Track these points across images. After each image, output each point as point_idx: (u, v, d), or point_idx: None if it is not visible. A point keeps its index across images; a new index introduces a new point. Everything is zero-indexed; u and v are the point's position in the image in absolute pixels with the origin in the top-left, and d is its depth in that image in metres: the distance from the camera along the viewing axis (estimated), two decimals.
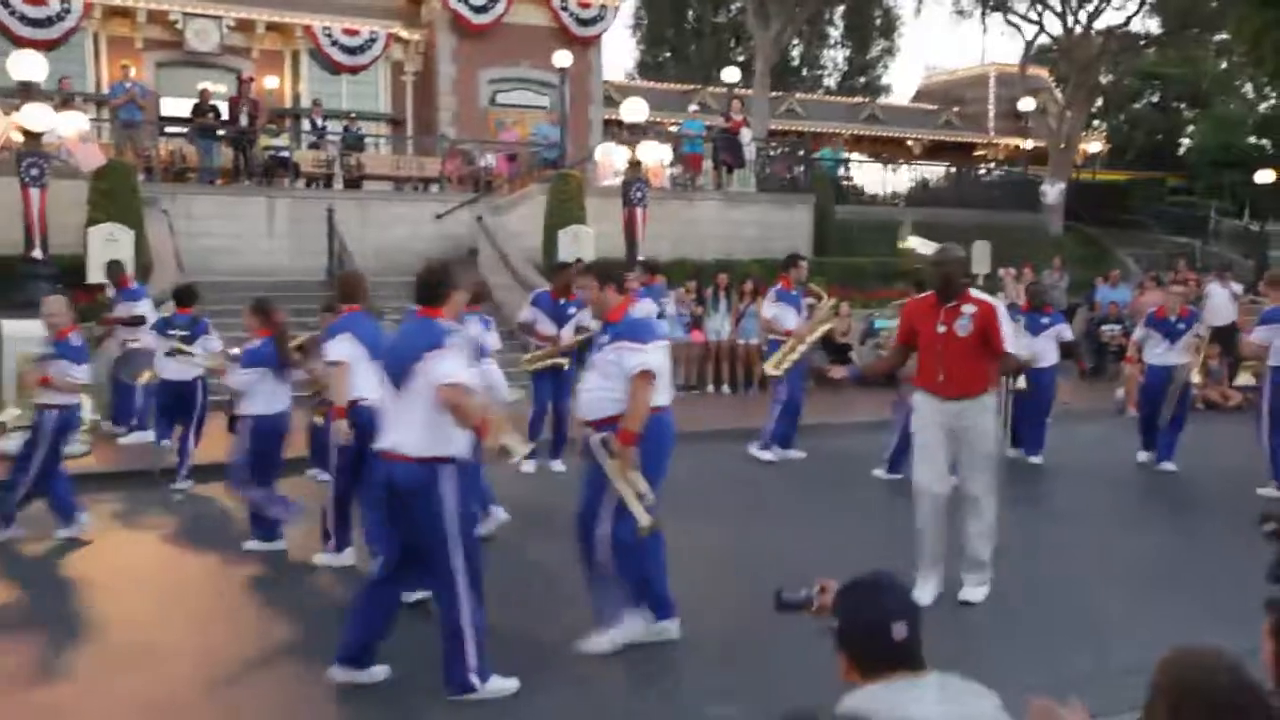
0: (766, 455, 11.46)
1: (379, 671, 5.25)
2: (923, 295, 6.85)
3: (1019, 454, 11.59)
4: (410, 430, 4.99)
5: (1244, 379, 10.54)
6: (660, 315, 12.02)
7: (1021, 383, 11.49)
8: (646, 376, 5.46)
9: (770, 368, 11.71)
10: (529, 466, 10.20)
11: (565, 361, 10.51)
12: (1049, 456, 11.51)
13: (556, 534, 8.60)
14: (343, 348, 6.94)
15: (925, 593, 6.28)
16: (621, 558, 5.58)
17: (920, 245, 9.18)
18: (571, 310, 10.59)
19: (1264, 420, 9.82)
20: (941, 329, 6.42)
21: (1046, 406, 11.77)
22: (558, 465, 10.70)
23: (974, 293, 6.61)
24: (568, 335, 10.50)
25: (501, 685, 5.13)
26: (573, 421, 10.81)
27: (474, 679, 5.05)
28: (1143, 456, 11.32)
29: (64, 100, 17.94)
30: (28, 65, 14.65)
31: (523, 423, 10.58)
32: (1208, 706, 2.14)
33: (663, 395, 5.67)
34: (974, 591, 6.52)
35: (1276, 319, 9.92)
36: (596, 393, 5.67)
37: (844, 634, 2.53)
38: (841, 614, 2.58)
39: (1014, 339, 6.71)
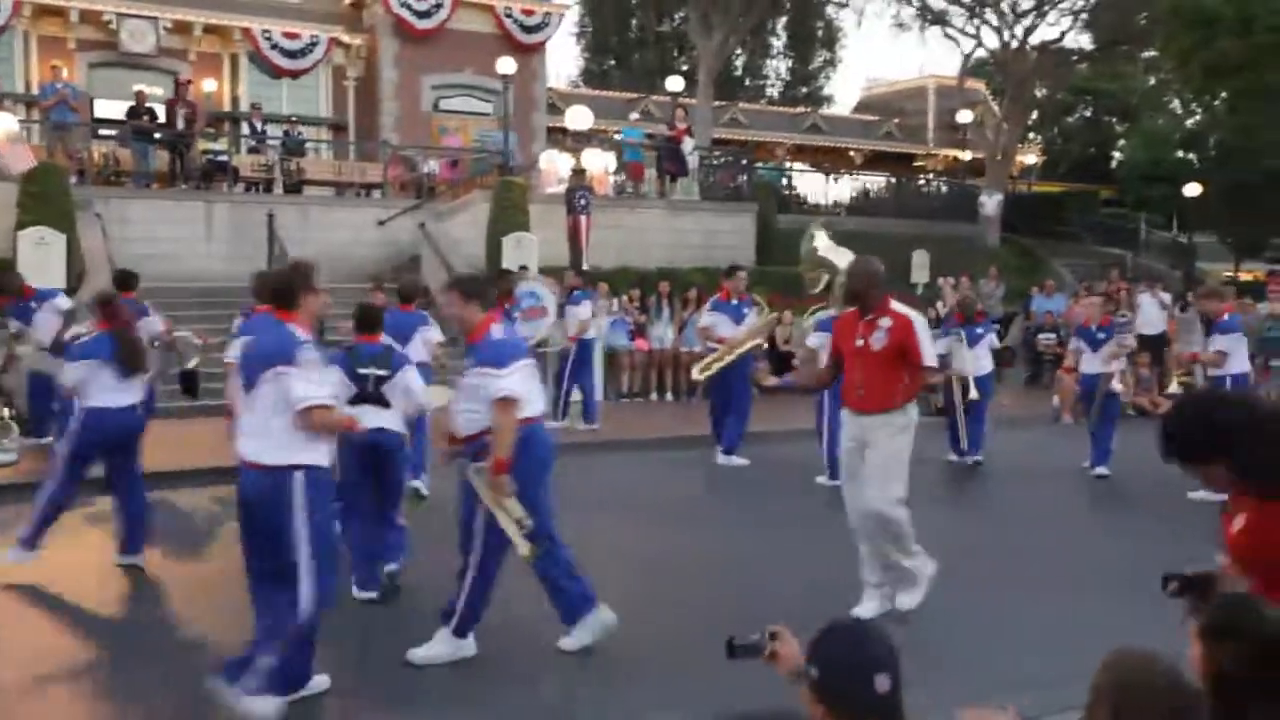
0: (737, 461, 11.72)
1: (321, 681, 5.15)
2: (850, 310, 6.80)
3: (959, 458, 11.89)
4: (260, 437, 4.87)
5: (1175, 388, 10.78)
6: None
7: (974, 393, 11.79)
8: (507, 404, 5.37)
9: (696, 372, 12.18)
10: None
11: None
12: (990, 461, 11.76)
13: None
14: (235, 350, 6.97)
15: (866, 608, 6.30)
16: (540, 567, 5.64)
17: (831, 251, 9.10)
18: (516, 310, 11.36)
19: None
20: (860, 343, 6.39)
21: (983, 408, 11.95)
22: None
23: (894, 306, 6.53)
24: (543, 329, 11.61)
25: (266, 710, 4.69)
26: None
27: (256, 681, 4.67)
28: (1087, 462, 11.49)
29: None
30: None
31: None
32: (1148, 708, 2.18)
33: (532, 408, 5.64)
34: (904, 599, 6.47)
35: (1235, 328, 10.22)
36: (464, 414, 5.63)
37: (822, 685, 2.36)
38: (819, 663, 2.39)
39: (933, 352, 6.61)
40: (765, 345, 11.99)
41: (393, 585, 6.89)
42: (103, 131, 20.56)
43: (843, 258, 8.27)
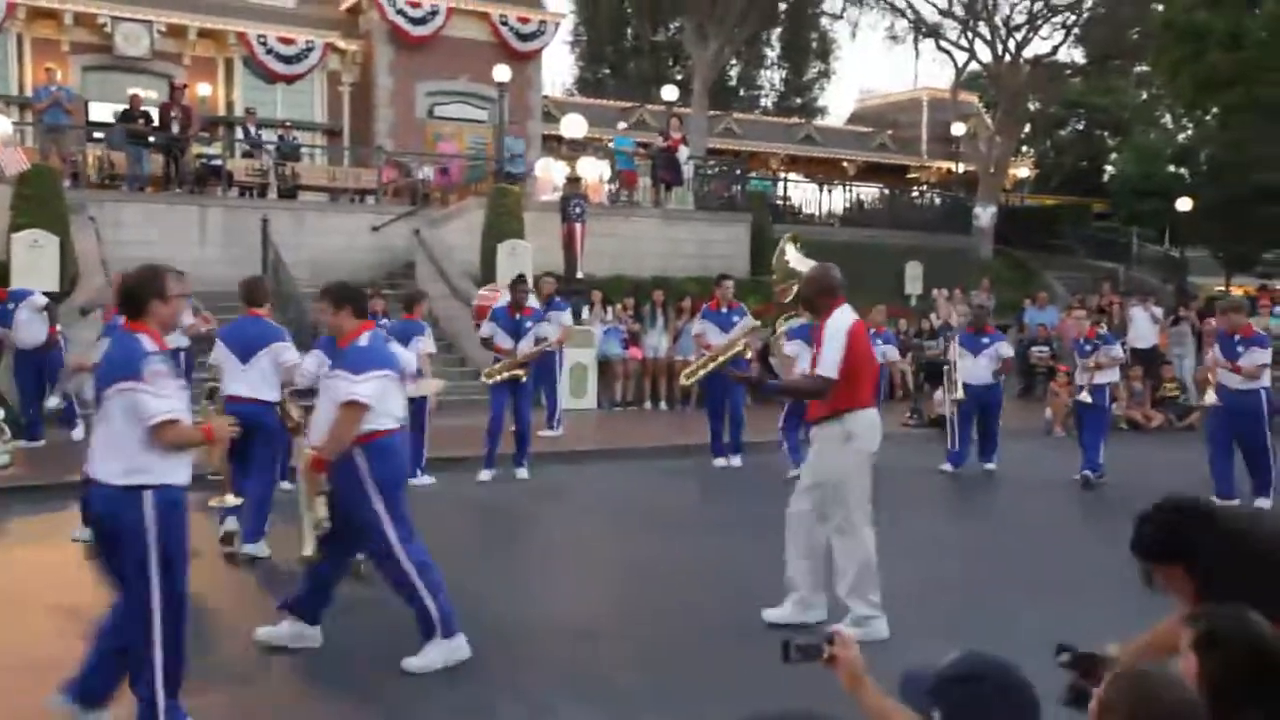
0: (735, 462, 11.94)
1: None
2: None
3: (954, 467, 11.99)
4: (108, 455, 4.62)
5: (1209, 397, 10.80)
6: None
7: (959, 393, 12.02)
8: (353, 407, 5.41)
9: (684, 378, 12.56)
10: (486, 475, 10.85)
11: (523, 373, 10.97)
12: (981, 471, 11.89)
13: (516, 538, 8.71)
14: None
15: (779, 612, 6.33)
16: (414, 574, 5.53)
17: (799, 263, 9.18)
18: (528, 324, 11.10)
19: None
20: (813, 350, 6.40)
21: (994, 419, 12.15)
22: (521, 473, 11.10)
23: (837, 312, 6.36)
24: (525, 348, 10.96)
25: None
26: (532, 430, 11.25)
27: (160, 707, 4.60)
28: (1084, 475, 11.37)
29: None
30: None
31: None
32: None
33: (389, 420, 5.65)
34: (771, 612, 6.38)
35: (1263, 342, 10.31)
36: (324, 418, 5.64)
37: None
38: (946, 714, 2.21)
39: (832, 360, 6.20)
40: (752, 353, 12.06)
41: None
42: (97, 135, 20.53)
43: (805, 265, 8.32)
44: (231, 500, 6.55)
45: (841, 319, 6.27)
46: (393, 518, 5.53)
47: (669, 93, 26.01)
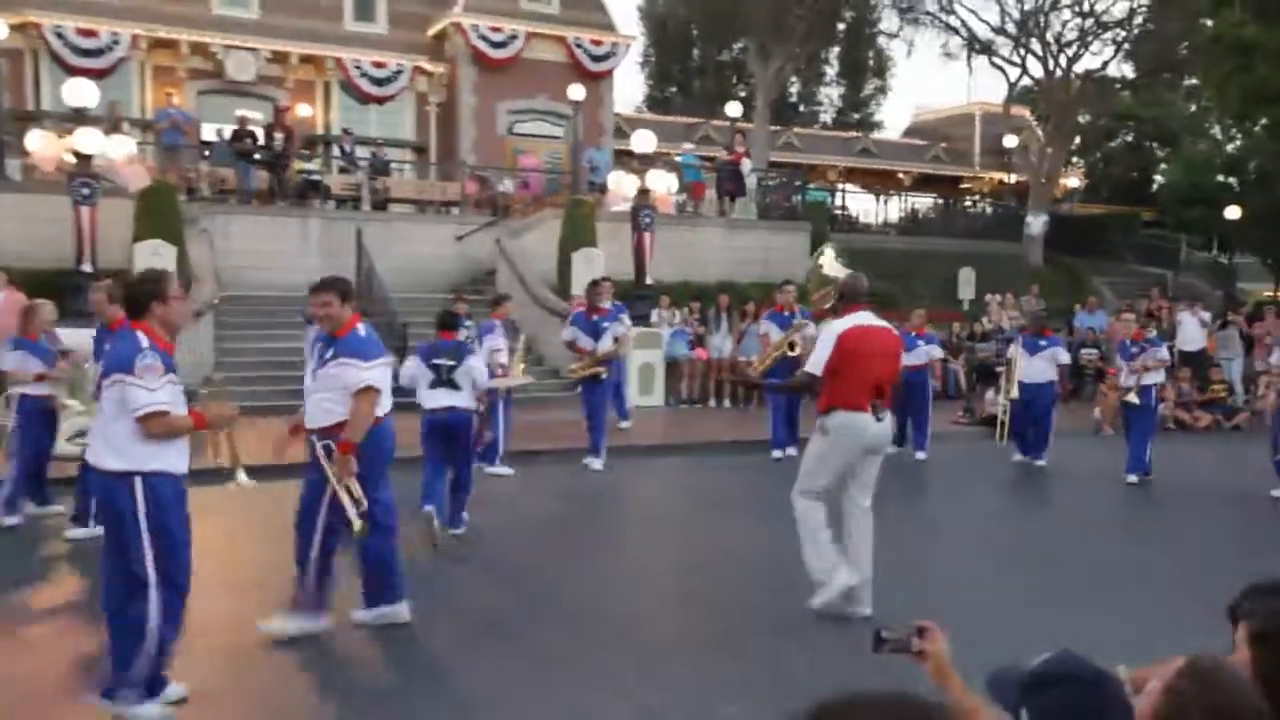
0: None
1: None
2: None
3: (1026, 458, 11.99)
4: (104, 443, 4.65)
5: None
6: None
7: (1015, 393, 12.04)
8: (369, 392, 5.48)
9: (755, 369, 12.65)
10: (598, 464, 11.09)
11: (604, 370, 11.19)
12: (1035, 468, 11.76)
13: (589, 526, 8.77)
14: None
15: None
16: (368, 544, 5.67)
17: (833, 269, 9.23)
18: (605, 325, 11.30)
19: None
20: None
21: (1046, 416, 12.04)
22: (595, 463, 11.22)
23: (845, 317, 6.43)
24: (605, 346, 11.21)
25: (152, 714, 4.59)
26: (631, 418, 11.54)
27: (128, 692, 4.55)
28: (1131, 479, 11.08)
29: (113, 125, 18.11)
30: (80, 92, 14.86)
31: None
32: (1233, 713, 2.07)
33: (382, 407, 5.69)
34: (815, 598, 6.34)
35: None
36: (321, 403, 5.67)
37: None
38: (1034, 713, 2.08)
39: (818, 359, 6.28)
40: (800, 351, 12.16)
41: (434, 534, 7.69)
42: (209, 153, 20.93)
43: (842, 274, 8.32)
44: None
45: (839, 324, 6.32)
46: (378, 494, 5.74)
47: (733, 109, 25.96)
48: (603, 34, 26.55)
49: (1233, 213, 25.54)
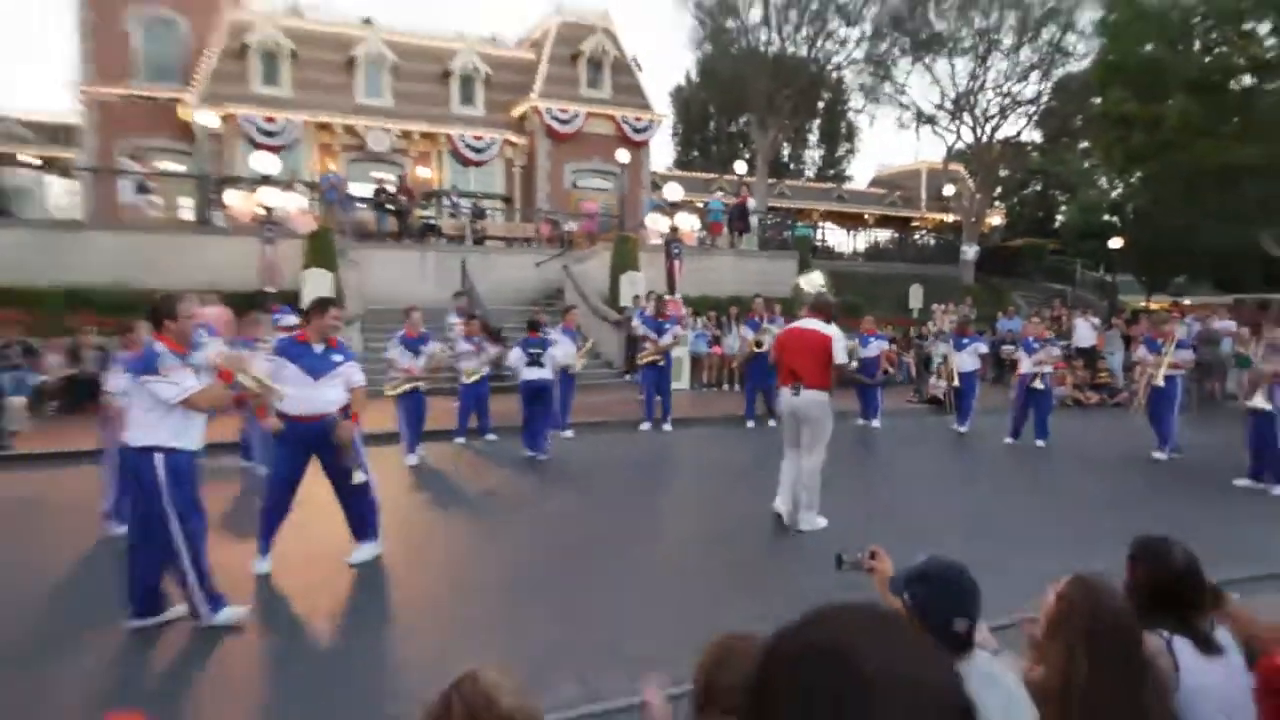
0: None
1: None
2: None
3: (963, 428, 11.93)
4: (133, 426, 4.43)
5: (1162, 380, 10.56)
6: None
7: (956, 382, 12.07)
8: (362, 386, 5.55)
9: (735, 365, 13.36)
10: (646, 426, 11.61)
11: (661, 359, 11.75)
12: (968, 435, 11.71)
13: (637, 473, 8.82)
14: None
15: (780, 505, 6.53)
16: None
17: (807, 284, 9.88)
18: (666, 326, 11.88)
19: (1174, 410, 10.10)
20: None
21: (970, 394, 12.00)
22: (666, 427, 11.71)
23: (799, 321, 6.70)
24: (665, 341, 11.77)
25: (231, 614, 4.53)
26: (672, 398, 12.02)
27: (205, 610, 4.46)
28: (1009, 440, 11.15)
29: (288, 185, 18.47)
30: (265, 162, 15.16)
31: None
32: (1109, 626, 2.12)
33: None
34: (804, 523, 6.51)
35: (1188, 344, 10.38)
36: (334, 395, 5.51)
37: (911, 610, 2.10)
38: (911, 599, 2.11)
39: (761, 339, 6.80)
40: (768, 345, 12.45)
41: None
42: (356, 205, 21.27)
43: (813, 288, 8.72)
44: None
45: (788, 326, 6.64)
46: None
47: (740, 167, 26.03)
48: (642, 113, 26.68)
49: (1115, 243, 25.15)
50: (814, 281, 10.00)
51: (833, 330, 6.47)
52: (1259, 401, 8.48)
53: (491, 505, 7.56)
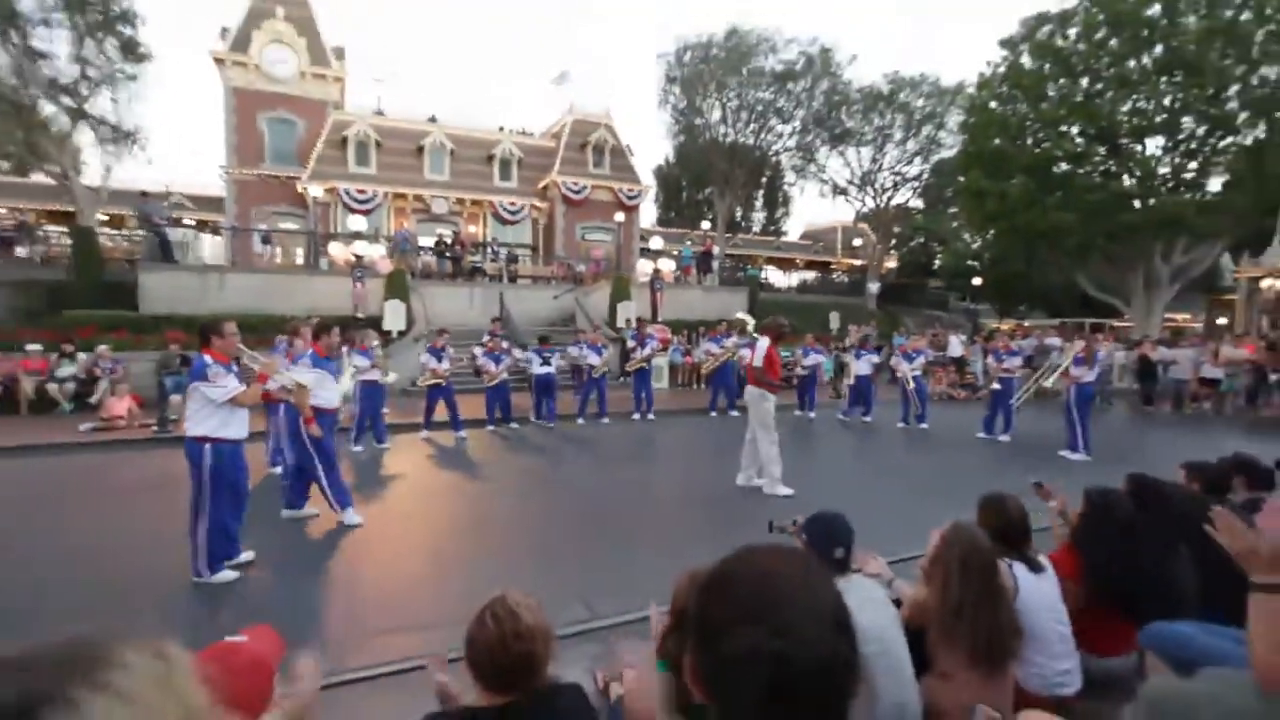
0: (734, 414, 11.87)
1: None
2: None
3: (864, 419, 11.68)
4: (189, 421, 4.24)
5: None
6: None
7: (852, 380, 11.93)
8: (302, 388, 5.11)
9: (703, 370, 13.30)
10: (635, 416, 11.34)
11: (647, 365, 11.65)
12: (866, 423, 11.69)
13: (643, 449, 8.64)
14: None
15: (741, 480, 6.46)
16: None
17: (746, 317, 10.28)
18: (647, 342, 11.75)
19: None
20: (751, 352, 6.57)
21: (868, 392, 11.84)
22: (650, 416, 11.45)
23: (763, 340, 6.40)
24: (645, 353, 11.69)
25: (225, 575, 4.18)
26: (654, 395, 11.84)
27: (204, 571, 4.15)
28: (900, 424, 11.09)
29: (373, 239, 18.41)
30: (356, 222, 15.18)
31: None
32: (978, 560, 2.13)
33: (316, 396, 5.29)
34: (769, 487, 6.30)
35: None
36: (323, 390, 5.39)
37: (807, 548, 2.18)
38: (806, 535, 2.24)
39: (756, 360, 6.32)
40: (736, 358, 12.42)
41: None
42: (422, 253, 21.20)
43: (749, 320, 8.73)
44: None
45: (765, 343, 6.42)
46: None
47: (705, 225, 26.08)
48: (633, 185, 26.61)
49: (977, 281, 25.53)
50: (746, 317, 10.48)
51: (763, 343, 6.38)
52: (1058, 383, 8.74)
53: (517, 472, 7.50)
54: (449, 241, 20.51)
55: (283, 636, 1.47)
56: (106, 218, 22.06)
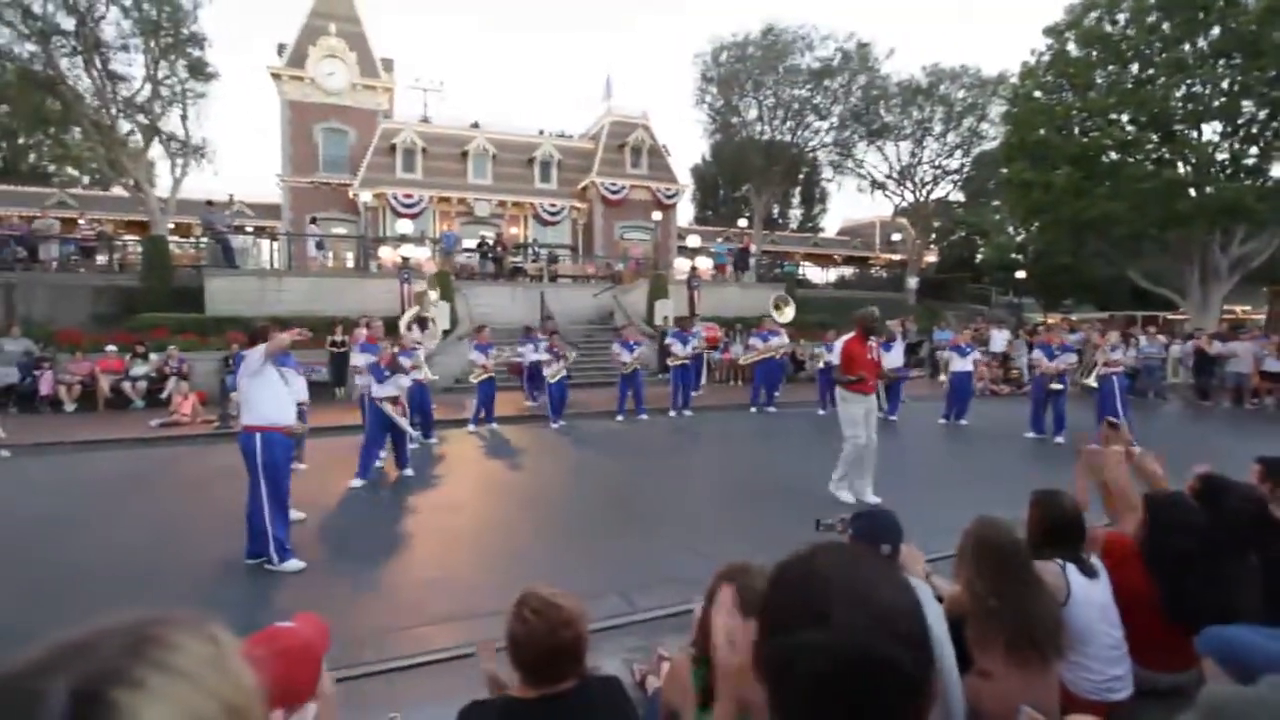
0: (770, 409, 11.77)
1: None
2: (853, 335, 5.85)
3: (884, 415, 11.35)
4: (241, 415, 4.32)
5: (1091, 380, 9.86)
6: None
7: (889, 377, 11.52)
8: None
9: (742, 361, 13.17)
10: (673, 413, 11.13)
11: (687, 361, 11.55)
12: (903, 418, 11.37)
13: (672, 446, 8.59)
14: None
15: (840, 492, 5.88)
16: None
17: (774, 312, 9.99)
18: (689, 338, 11.68)
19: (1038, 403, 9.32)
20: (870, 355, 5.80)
21: (898, 386, 11.62)
22: (687, 412, 11.27)
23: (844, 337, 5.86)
24: (687, 350, 11.54)
25: (292, 564, 4.19)
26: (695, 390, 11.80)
27: (275, 556, 4.17)
28: (941, 420, 10.84)
29: (420, 241, 18.75)
30: (403, 226, 15.47)
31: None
32: (997, 552, 2.07)
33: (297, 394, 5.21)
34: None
35: (1068, 349, 9.75)
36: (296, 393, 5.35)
37: (853, 539, 2.18)
38: (853, 530, 2.20)
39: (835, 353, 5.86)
40: (782, 353, 12.18)
41: None
42: (466, 253, 21.53)
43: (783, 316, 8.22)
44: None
45: (844, 339, 5.94)
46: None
47: (742, 222, 25.82)
48: (671, 184, 26.56)
49: (1021, 275, 24.58)
50: (779, 309, 10.24)
51: (842, 339, 5.86)
52: (1091, 380, 8.40)
53: (555, 467, 7.52)
54: (491, 243, 20.72)
55: (331, 624, 1.49)
56: (174, 226, 23.14)
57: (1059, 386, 9.37)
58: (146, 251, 15.72)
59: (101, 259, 17.22)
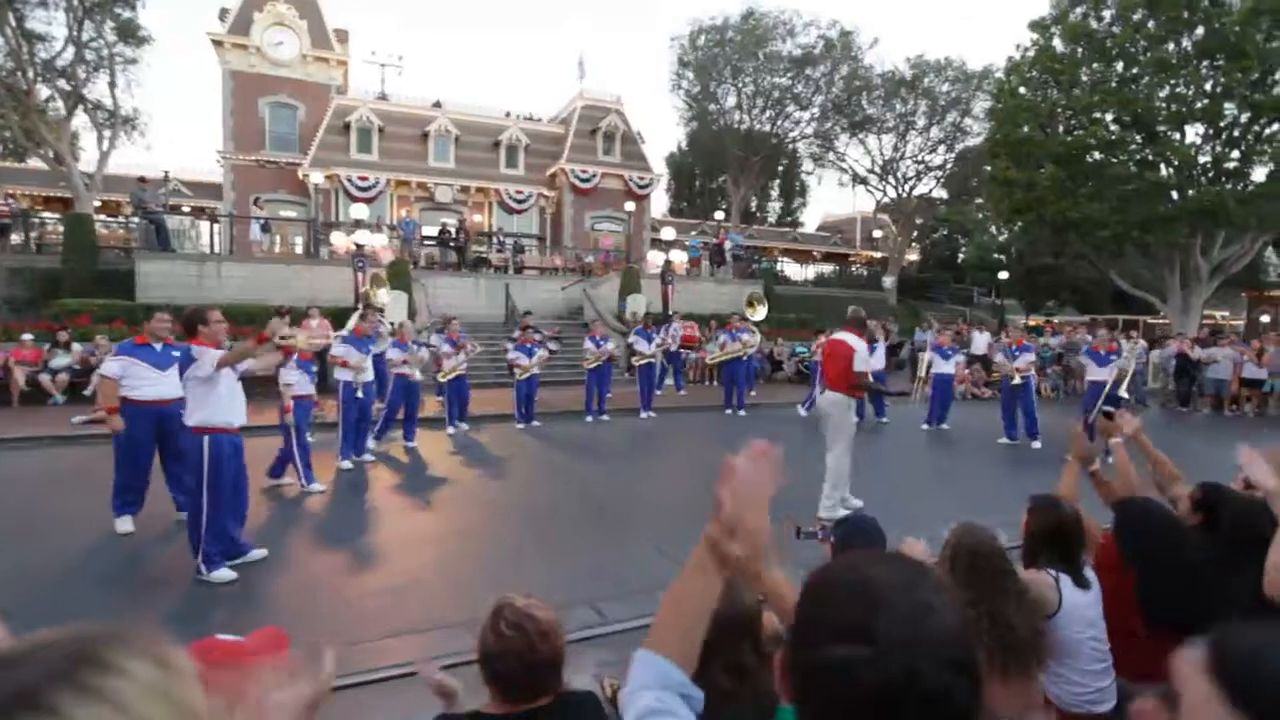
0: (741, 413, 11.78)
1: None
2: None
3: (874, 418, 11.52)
4: (186, 414, 4.17)
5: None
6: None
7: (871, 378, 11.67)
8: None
9: (709, 360, 13.31)
10: (643, 414, 11.07)
11: (655, 359, 11.55)
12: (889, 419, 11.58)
13: (647, 444, 8.66)
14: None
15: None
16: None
17: (749, 305, 10.17)
18: (654, 336, 11.65)
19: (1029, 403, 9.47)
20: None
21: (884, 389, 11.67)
22: (644, 414, 11.22)
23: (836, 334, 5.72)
24: (651, 348, 11.48)
25: (222, 574, 4.11)
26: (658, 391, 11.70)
27: (201, 568, 4.10)
28: (924, 426, 10.88)
29: (375, 227, 18.41)
30: (358, 210, 15.17)
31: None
32: (977, 560, 2.09)
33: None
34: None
35: (1028, 349, 9.98)
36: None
37: (834, 550, 2.23)
38: (835, 538, 2.25)
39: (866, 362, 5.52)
40: (754, 351, 12.30)
41: None
42: (426, 242, 21.20)
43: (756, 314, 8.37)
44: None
45: (829, 337, 5.87)
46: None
47: (718, 215, 25.95)
48: (644, 173, 26.51)
49: (1003, 275, 25.21)
50: (756, 302, 10.40)
51: (858, 344, 5.56)
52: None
53: (528, 471, 7.47)
54: (453, 231, 20.45)
55: (291, 636, 1.42)
56: (101, 204, 22.25)
57: (1018, 382, 9.57)
58: (68, 230, 15.10)
59: (16, 238, 16.49)
